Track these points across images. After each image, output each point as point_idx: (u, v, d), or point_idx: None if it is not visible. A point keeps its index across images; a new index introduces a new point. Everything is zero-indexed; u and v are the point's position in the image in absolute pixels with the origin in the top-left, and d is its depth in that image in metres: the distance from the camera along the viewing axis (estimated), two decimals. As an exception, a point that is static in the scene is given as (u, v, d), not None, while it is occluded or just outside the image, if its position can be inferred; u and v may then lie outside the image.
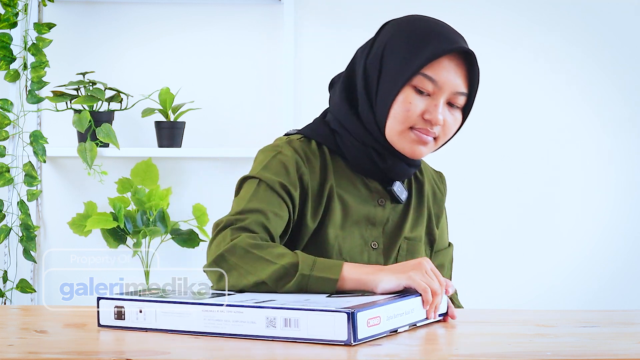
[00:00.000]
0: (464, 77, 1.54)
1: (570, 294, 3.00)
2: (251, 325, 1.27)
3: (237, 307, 1.28)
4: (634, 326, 1.50)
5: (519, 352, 1.22)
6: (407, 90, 1.53)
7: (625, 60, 3.01)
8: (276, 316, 1.26)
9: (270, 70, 2.93)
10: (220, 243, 1.45)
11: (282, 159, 1.58)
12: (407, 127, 1.55)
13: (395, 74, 1.54)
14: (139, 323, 1.33)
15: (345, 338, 1.22)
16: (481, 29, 2.96)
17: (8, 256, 2.80)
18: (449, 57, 1.53)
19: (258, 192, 1.54)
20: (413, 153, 1.57)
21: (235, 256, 1.42)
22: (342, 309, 1.23)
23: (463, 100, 1.56)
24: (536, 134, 3.00)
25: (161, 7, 2.92)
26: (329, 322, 1.23)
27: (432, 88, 1.53)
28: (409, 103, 1.53)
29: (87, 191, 2.88)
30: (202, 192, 2.91)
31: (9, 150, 2.78)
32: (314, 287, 1.38)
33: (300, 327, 1.25)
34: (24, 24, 2.77)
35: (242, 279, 1.41)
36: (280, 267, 1.39)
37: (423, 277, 1.37)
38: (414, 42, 1.54)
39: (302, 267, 1.39)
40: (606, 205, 3.02)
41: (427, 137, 1.55)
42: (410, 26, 1.57)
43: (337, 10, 2.95)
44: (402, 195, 1.64)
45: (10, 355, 1.17)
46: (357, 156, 1.61)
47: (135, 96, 2.83)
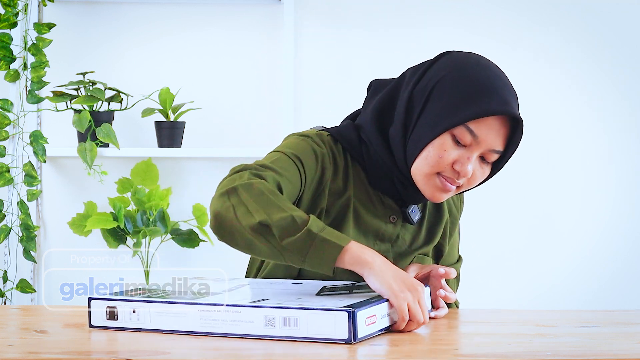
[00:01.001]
0: (505, 137, 1.51)
1: (570, 294, 3.00)
2: (249, 324, 1.27)
3: (235, 307, 1.27)
4: (634, 326, 1.50)
5: (519, 352, 1.22)
6: (446, 136, 1.49)
7: (625, 60, 3.01)
8: (275, 315, 1.25)
9: (270, 70, 2.93)
10: (236, 179, 1.42)
11: (311, 145, 1.56)
12: (434, 171, 1.51)
13: (438, 117, 1.49)
14: (132, 323, 1.33)
15: (346, 337, 1.23)
16: (481, 28, 2.96)
17: (8, 256, 2.80)
18: (496, 117, 1.49)
19: (279, 159, 1.51)
20: (433, 197, 1.54)
21: (249, 193, 1.39)
22: (342, 308, 1.23)
23: (495, 157, 1.53)
24: (536, 134, 2.99)
25: (161, 7, 2.92)
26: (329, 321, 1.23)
27: (471, 141, 1.49)
28: (444, 151, 1.49)
29: (87, 191, 2.87)
30: (202, 192, 2.91)
31: (9, 150, 2.78)
32: (316, 249, 1.34)
33: (299, 326, 1.25)
34: (24, 24, 2.77)
35: (248, 216, 1.37)
36: (290, 217, 1.35)
37: (412, 303, 1.33)
38: (466, 91, 1.48)
39: (312, 225, 1.35)
40: (606, 205, 3.02)
41: (452, 186, 1.53)
42: (468, 71, 1.50)
43: (337, 10, 2.95)
44: (415, 217, 1.62)
45: (10, 355, 1.17)
46: (379, 174, 1.58)
47: (135, 96, 2.83)
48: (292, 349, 1.22)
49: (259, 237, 1.36)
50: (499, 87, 1.49)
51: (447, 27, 2.95)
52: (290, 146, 1.55)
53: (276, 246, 1.36)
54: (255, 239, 1.37)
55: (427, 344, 1.29)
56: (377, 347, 1.23)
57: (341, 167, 1.59)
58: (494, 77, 1.50)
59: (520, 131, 1.51)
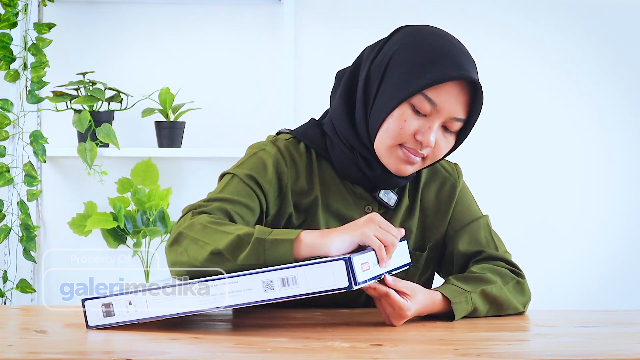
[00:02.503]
0: (465, 103, 1.51)
1: (570, 294, 3.00)
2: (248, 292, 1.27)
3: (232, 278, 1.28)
4: (634, 326, 1.50)
5: (519, 352, 1.22)
6: (405, 107, 1.50)
7: (625, 60, 3.00)
8: (272, 278, 1.27)
9: (270, 70, 2.93)
10: (180, 225, 1.45)
11: (262, 157, 1.58)
12: (396, 143, 1.52)
13: (395, 88, 1.51)
14: (130, 316, 1.32)
15: (347, 284, 1.23)
16: (481, 28, 2.96)
17: (8, 256, 2.80)
18: (454, 83, 1.49)
19: (230, 184, 1.54)
20: (398, 170, 1.55)
21: (193, 231, 1.41)
22: (338, 257, 1.25)
23: (459, 126, 1.53)
24: (535, 134, 3.00)
25: (161, 7, 2.92)
26: (327, 272, 1.24)
27: (430, 110, 1.49)
28: (404, 121, 1.50)
29: (87, 191, 2.87)
30: (202, 192, 2.89)
31: (9, 150, 2.78)
32: (270, 252, 1.35)
33: (299, 284, 1.26)
34: (24, 24, 2.77)
35: (200, 250, 1.39)
36: (236, 237, 1.37)
37: (377, 231, 1.36)
38: (421, 60, 1.49)
39: (258, 233, 1.37)
40: (606, 206, 3.02)
41: (415, 158, 1.53)
42: (422, 41, 1.52)
43: (337, 10, 2.95)
44: (390, 201, 1.62)
45: (10, 355, 1.17)
46: (344, 162, 1.59)
47: (135, 96, 2.83)
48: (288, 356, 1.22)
49: (216, 265, 1.38)
50: (454, 53, 1.50)
51: (447, 27, 2.94)
52: (242, 166, 1.57)
53: (235, 267, 1.37)
54: (215, 269, 1.38)
55: (426, 343, 1.29)
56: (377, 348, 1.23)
57: (303, 167, 1.60)
58: (448, 44, 1.51)
59: (481, 96, 1.51)
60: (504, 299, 1.56)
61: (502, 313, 1.56)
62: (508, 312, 1.57)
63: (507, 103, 2.99)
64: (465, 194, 1.72)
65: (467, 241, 1.65)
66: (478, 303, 1.52)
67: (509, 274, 1.60)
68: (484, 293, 1.53)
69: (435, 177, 1.69)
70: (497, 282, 1.56)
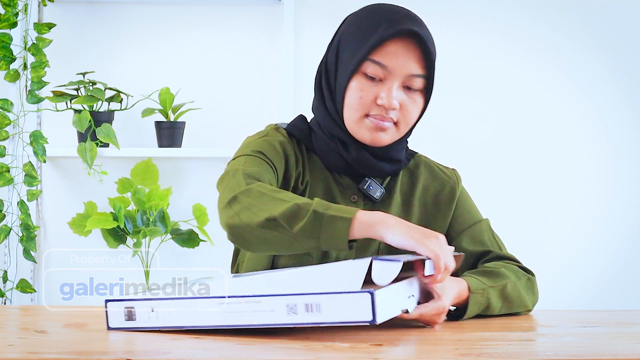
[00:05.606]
0: (418, 58, 1.53)
1: (571, 294, 3.00)
2: (271, 313, 1.25)
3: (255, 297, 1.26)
4: (634, 326, 1.50)
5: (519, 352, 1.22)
6: (359, 78, 1.54)
7: (626, 60, 3.00)
8: (297, 302, 1.24)
9: (270, 70, 2.93)
10: (234, 188, 1.44)
11: (268, 140, 1.60)
12: (362, 114, 1.55)
13: (346, 64, 1.55)
14: (152, 322, 1.31)
15: (370, 318, 1.22)
16: (481, 28, 2.95)
17: (8, 256, 2.80)
18: (397, 41, 1.52)
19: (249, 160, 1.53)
20: (373, 140, 1.56)
21: (250, 197, 1.41)
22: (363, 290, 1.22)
23: (421, 83, 1.55)
24: (535, 134, 2.99)
25: (161, 7, 2.92)
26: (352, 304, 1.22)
27: (383, 73, 1.52)
28: (361, 91, 1.54)
29: (87, 191, 2.87)
30: (202, 192, 2.91)
31: (9, 150, 2.78)
32: (326, 228, 1.34)
33: (322, 312, 1.24)
34: (24, 24, 2.77)
35: (254, 216, 1.38)
36: (294, 205, 1.36)
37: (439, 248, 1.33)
38: (363, 30, 1.54)
39: (317, 206, 1.36)
40: (606, 205, 3.02)
41: (384, 123, 1.54)
42: (362, 14, 1.57)
43: (337, 11, 2.94)
44: (376, 193, 1.62)
45: (10, 355, 1.17)
46: (326, 152, 1.61)
47: (135, 96, 2.83)
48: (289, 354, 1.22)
49: (269, 232, 1.38)
50: (389, 12, 1.54)
51: (447, 26, 2.95)
52: (251, 147, 1.57)
53: (288, 236, 1.36)
54: (267, 235, 1.38)
55: (426, 343, 1.29)
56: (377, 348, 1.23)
57: (299, 157, 1.62)
58: (386, 9, 1.55)
59: (427, 44, 1.52)
60: (516, 297, 1.56)
61: (513, 311, 1.55)
62: (519, 310, 1.56)
63: (507, 103, 2.98)
64: (466, 197, 1.73)
65: (471, 242, 1.65)
66: (492, 298, 1.51)
67: (520, 271, 1.60)
68: (498, 288, 1.53)
69: (435, 179, 1.70)
70: (511, 279, 1.56)
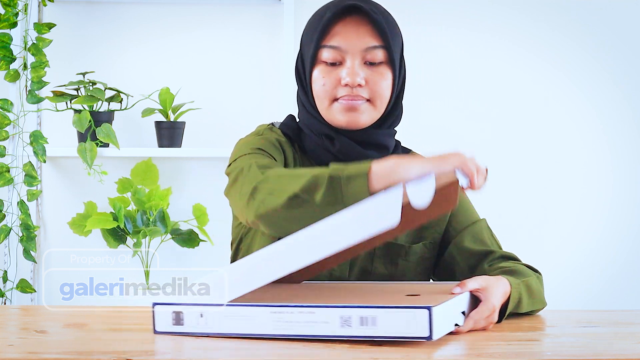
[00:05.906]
0: (370, 31, 1.56)
1: (570, 294, 3.00)
2: (324, 325, 1.24)
3: (309, 307, 1.24)
4: (634, 326, 1.50)
5: (519, 352, 1.22)
6: (319, 67, 1.58)
7: (626, 60, 3.00)
8: (351, 315, 1.23)
9: (270, 70, 2.93)
10: (252, 179, 1.45)
11: (266, 137, 1.62)
12: (330, 100, 1.58)
13: (306, 56, 1.60)
14: (200, 328, 1.29)
15: (427, 334, 1.21)
16: (481, 28, 2.95)
17: (8, 256, 2.80)
18: (344, 21, 1.56)
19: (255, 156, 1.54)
20: (349, 123, 1.58)
21: (269, 183, 1.42)
22: (421, 306, 1.21)
23: (382, 54, 1.57)
24: (535, 134, 2.99)
25: (161, 7, 2.92)
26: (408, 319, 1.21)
27: (340, 55, 1.56)
28: (323, 77, 1.57)
29: (87, 191, 2.87)
30: (202, 192, 2.91)
31: (9, 150, 2.78)
32: (347, 189, 1.33)
33: (377, 325, 1.23)
34: (24, 24, 2.77)
35: (277, 199, 1.38)
36: (311, 177, 1.36)
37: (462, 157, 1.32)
38: (313, 23, 1.59)
39: (332, 171, 1.36)
40: (606, 205, 3.02)
41: (354, 102, 1.56)
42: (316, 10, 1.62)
43: (337, 10, 2.95)
44: None
45: (10, 355, 1.17)
46: (314, 149, 1.63)
47: (135, 96, 2.83)
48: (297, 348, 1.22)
49: (295, 209, 1.37)
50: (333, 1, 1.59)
51: (447, 26, 2.95)
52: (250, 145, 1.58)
53: (314, 207, 1.36)
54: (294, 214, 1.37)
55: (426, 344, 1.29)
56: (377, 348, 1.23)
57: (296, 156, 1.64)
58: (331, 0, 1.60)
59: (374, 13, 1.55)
60: (538, 292, 1.55)
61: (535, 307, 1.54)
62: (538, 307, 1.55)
63: (507, 103, 2.98)
64: (463, 197, 1.72)
65: (472, 241, 1.65)
66: (523, 293, 1.49)
67: (530, 270, 1.60)
68: (525, 284, 1.51)
69: None
70: (532, 275, 1.55)
